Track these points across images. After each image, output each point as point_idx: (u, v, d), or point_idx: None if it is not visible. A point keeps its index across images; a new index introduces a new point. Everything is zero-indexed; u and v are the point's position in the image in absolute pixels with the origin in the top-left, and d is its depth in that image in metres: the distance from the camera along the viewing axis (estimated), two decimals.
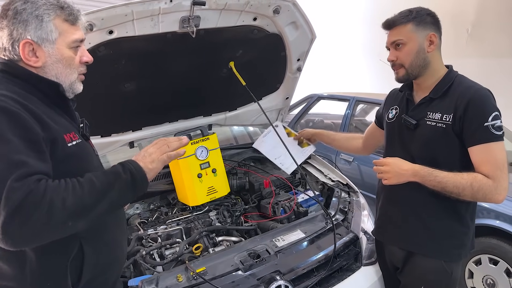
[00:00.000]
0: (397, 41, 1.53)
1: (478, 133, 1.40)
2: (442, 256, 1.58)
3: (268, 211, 2.12)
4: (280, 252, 1.72)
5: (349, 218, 2.05)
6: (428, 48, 1.50)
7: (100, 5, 1.71)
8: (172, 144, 1.18)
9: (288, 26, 2.19)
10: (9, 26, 1.04)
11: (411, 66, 1.53)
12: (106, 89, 1.96)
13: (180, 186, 2.21)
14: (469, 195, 1.41)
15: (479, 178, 1.39)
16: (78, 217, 0.96)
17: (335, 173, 2.53)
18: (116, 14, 1.63)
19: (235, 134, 3.21)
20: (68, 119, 1.17)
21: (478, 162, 1.43)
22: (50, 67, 1.10)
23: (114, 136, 2.25)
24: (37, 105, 1.05)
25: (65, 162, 1.05)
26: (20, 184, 0.88)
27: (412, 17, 1.50)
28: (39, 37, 1.06)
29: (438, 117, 1.50)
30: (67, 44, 1.11)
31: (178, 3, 1.72)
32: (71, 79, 1.15)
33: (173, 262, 1.69)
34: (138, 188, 1.09)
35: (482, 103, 1.42)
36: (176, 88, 2.21)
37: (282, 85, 2.63)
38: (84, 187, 0.97)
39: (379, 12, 6.49)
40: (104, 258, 1.19)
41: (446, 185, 1.41)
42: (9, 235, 0.87)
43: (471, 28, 5.54)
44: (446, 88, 1.52)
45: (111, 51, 1.75)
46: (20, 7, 1.04)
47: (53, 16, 1.08)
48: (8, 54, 1.07)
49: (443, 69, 1.57)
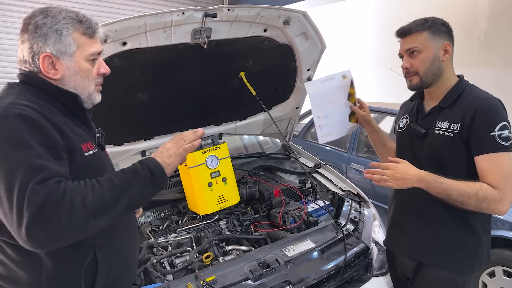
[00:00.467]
0: (412, 48, 1.53)
1: (484, 142, 1.40)
2: (453, 267, 1.56)
3: (278, 221, 2.12)
4: (290, 262, 1.71)
5: (360, 229, 2.03)
6: (443, 57, 1.51)
7: (114, 16, 1.75)
8: (187, 138, 1.21)
9: (298, 37, 2.21)
10: (30, 40, 1.08)
11: (425, 74, 1.53)
12: (119, 99, 1.99)
13: (190, 195, 2.23)
14: (474, 204, 1.39)
15: (485, 188, 1.38)
16: (100, 215, 0.98)
17: (345, 183, 2.52)
18: (129, 26, 1.67)
19: (245, 143, 3.22)
20: (85, 129, 1.20)
21: (484, 172, 1.42)
22: (68, 79, 1.13)
23: (126, 145, 2.28)
24: (56, 115, 1.08)
25: (82, 171, 1.08)
26: (41, 186, 0.91)
27: (428, 25, 1.51)
28: (58, 51, 1.09)
29: (446, 126, 1.50)
30: (84, 57, 1.14)
31: (190, 15, 1.75)
32: (89, 91, 1.18)
33: (183, 271, 1.70)
34: (158, 183, 1.12)
35: (490, 112, 1.42)
36: (188, 98, 2.24)
37: (292, 95, 2.64)
38: (104, 185, 1.01)
39: (389, 22, 6.50)
40: (117, 267, 1.20)
41: (451, 192, 1.39)
42: (34, 236, 0.90)
43: (483, 37, 5.50)
44: (456, 97, 1.52)
45: (124, 62, 1.79)
46: (41, 22, 1.08)
47: (71, 30, 1.11)
48: (28, 66, 1.11)
49: (454, 79, 1.58)
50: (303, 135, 4.87)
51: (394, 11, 6.66)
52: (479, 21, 5.54)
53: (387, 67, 2.08)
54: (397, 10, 6.55)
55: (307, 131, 4.90)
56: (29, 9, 3.36)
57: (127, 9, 6.38)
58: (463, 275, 1.56)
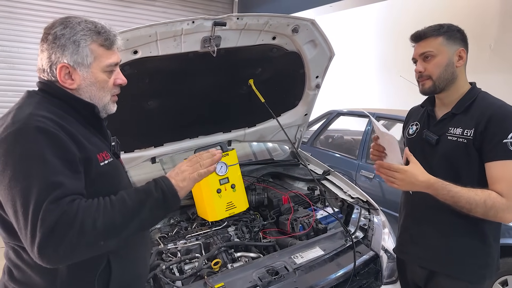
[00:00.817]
0: (426, 52, 1.53)
1: (496, 149, 1.40)
2: (466, 277, 1.54)
3: (287, 228, 2.11)
4: (299, 269, 1.71)
5: (369, 236, 2.02)
6: (457, 63, 1.51)
7: (126, 25, 1.78)
8: (204, 162, 1.18)
9: (307, 44, 2.23)
10: (48, 50, 1.11)
11: (439, 79, 1.52)
12: (130, 107, 2.02)
13: (199, 201, 2.24)
14: (481, 212, 1.38)
15: (493, 196, 1.37)
16: (109, 236, 1.00)
17: (354, 190, 2.50)
18: (140, 35, 1.70)
19: (254, 150, 3.23)
20: (101, 138, 1.22)
21: (493, 179, 1.41)
22: (84, 89, 1.15)
23: (137, 152, 2.31)
24: (73, 125, 1.10)
25: (98, 181, 1.10)
26: (55, 205, 0.93)
27: (444, 31, 1.51)
28: (75, 61, 1.11)
29: (460, 132, 1.50)
30: (101, 68, 1.15)
31: (200, 24, 1.78)
32: (104, 101, 1.20)
33: (192, 277, 1.70)
34: (170, 206, 1.11)
35: (503, 120, 1.41)
36: (197, 105, 2.27)
37: (301, 102, 2.65)
38: (115, 206, 1.01)
39: (396, 30, 6.50)
40: (129, 274, 1.22)
41: (459, 200, 1.39)
42: (45, 255, 0.92)
43: (494, 43, 5.46)
44: (469, 103, 1.52)
45: (135, 70, 1.82)
46: (59, 32, 1.10)
47: (89, 41, 1.12)
48: (46, 76, 1.14)
49: (467, 85, 1.57)
50: (312, 142, 4.86)
51: (401, 19, 6.66)
52: (489, 28, 5.50)
53: (394, 74, 2.07)
54: (405, 18, 6.54)
55: (316, 138, 4.89)
56: (43, 18, 3.44)
57: (139, 18, 6.47)
58: (475, 284, 1.54)
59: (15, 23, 5.60)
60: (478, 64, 5.36)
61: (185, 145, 2.45)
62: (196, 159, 1.19)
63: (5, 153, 0.98)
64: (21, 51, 5.57)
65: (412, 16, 6.43)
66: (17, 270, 1.11)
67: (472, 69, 1.97)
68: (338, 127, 5.36)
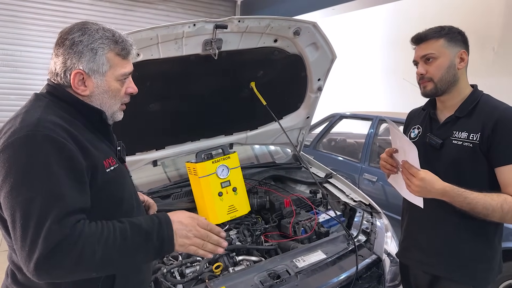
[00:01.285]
0: (428, 55, 1.52)
1: (506, 153, 1.39)
2: (470, 281, 1.52)
3: (289, 231, 2.10)
4: (301, 273, 1.69)
5: (372, 240, 2.01)
6: (458, 65, 1.50)
7: (127, 28, 1.79)
8: (207, 246, 1.12)
9: (309, 47, 2.22)
10: (64, 55, 1.10)
11: (440, 81, 1.51)
12: (132, 110, 2.00)
13: (201, 204, 2.23)
14: (498, 217, 1.37)
15: (510, 200, 1.36)
16: (102, 269, 1.01)
17: (357, 193, 2.49)
18: (141, 38, 1.70)
19: (256, 153, 3.22)
20: (108, 144, 1.22)
21: (506, 183, 1.40)
22: (96, 96, 1.15)
23: (138, 155, 2.30)
24: (80, 130, 1.09)
25: (104, 188, 1.09)
26: (57, 226, 0.92)
27: (445, 33, 1.51)
28: (90, 69, 1.10)
29: (465, 136, 1.48)
30: (115, 77, 1.15)
31: (201, 27, 1.78)
32: (113, 109, 1.20)
33: (194, 281, 1.69)
34: (161, 255, 1.11)
35: (510, 123, 1.41)
36: (199, 108, 2.27)
37: (303, 105, 2.65)
38: (117, 243, 0.99)
39: (398, 32, 6.49)
40: (133, 280, 1.21)
41: (476, 206, 1.36)
42: (39, 273, 0.92)
43: (497, 46, 5.44)
44: (472, 106, 1.50)
45: (136, 73, 1.79)
46: (77, 39, 1.09)
47: (107, 50, 1.12)
48: (59, 80, 1.13)
49: (469, 88, 1.56)
50: (314, 145, 4.85)
51: (405, 21, 6.65)
52: (493, 31, 5.49)
53: (397, 77, 2.05)
54: (407, 21, 6.54)
55: (319, 141, 4.88)
56: (46, 22, 3.46)
57: (141, 22, 6.51)
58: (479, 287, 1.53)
59: (18, 27, 5.64)
60: (481, 67, 5.35)
61: (187, 148, 2.45)
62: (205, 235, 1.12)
63: (9, 159, 0.97)
64: (24, 55, 5.60)
65: (416, 19, 6.42)
66: (20, 273, 1.10)
67: (476, 72, 1.95)
68: (341, 130, 5.35)
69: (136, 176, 2.42)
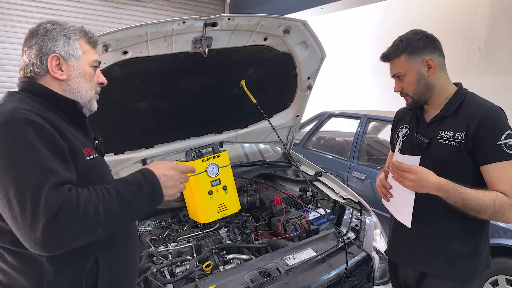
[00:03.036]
0: (396, 74, 1.57)
1: (491, 152, 1.40)
2: (457, 277, 1.54)
3: (279, 229, 2.11)
4: (291, 270, 1.70)
5: (361, 237, 2.02)
6: (427, 73, 1.51)
7: (117, 26, 1.77)
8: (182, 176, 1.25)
9: (298, 46, 2.23)
10: (39, 43, 1.14)
11: (415, 94, 1.55)
12: (120, 108, 2.00)
13: (191, 203, 2.22)
14: (489, 213, 1.38)
15: (500, 196, 1.38)
16: (108, 225, 1.02)
17: (346, 191, 2.51)
18: (130, 35, 1.68)
19: (246, 151, 3.22)
20: (85, 135, 1.22)
21: (492, 180, 1.41)
22: (73, 80, 1.18)
23: (127, 153, 2.28)
24: (57, 121, 1.10)
25: (85, 175, 1.09)
26: (55, 192, 0.93)
27: (404, 47, 1.52)
28: (66, 52, 1.16)
29: (451, 135, 1.49)
30: (89, 62, 1.22)
31: (191, 24, 1.77)
32: (90, 95, 1.23)
33: (184, 280, 1.69)
34: (156, 202, 1.15)
35: (494, 122, 1.42)
36: (188, 106, 2.25)
37: (293, 103, 2.65)
38: (113, 196, 1.03)
39: (388, 29, 6.55)
40: (118, 273, 1.21)
41: (470, 202, 1.37)
42: (47, 240, 0.91)
43: (483, 46, 5.53)
44: (457, 106, 1.51)
45: (125, 71, 1.81)
46: (50, 27, 1.16)
47: (78, 36, 1.20)
48: (35, 69, 1.15)
49: (452, 87, 1.57)
50: (304, 143, 4.87)
51: (392, 20, 6.71)
52: (478, 30, 5.57)
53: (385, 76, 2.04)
54: (396, 20, 6.60)
55: (308, 139, 4.90)
56: (33, 19, 3.40)
57: (130, 20, 6.43)
58: (466, 284, 1.55)
59: (5, 24, 5.53)
60: (467, 66, 5.43)
61: (176, 146, 2.44)
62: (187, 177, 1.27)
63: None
64: (10, 52, 5.50)
65: (404, 17, 6.49)
66: (1, 274, 1.08)
67: (462, 71, 1.98)
68: (330, 128, 5.38)
69: (124, 174, 2.40)
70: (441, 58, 1.54)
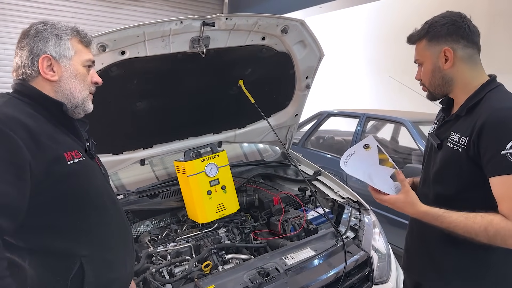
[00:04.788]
0: (416, 60, 1.42)
1: (495, 162, 1.18)
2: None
3: (278, 229, 2.11)
4: (290, 270, 1.70)
5: (360, 236, 2.02)
6: (444, 66, 1.32)
7: (115, 26, 1.77)
8: None
9: (296, 45, 2.23)
10: (30, 44, 1.14)
11: (430, 86, 1.39)
12: (118, 108, 2.00)
13: (189, 203, 2.22)
14: (485, 240, 1.19)
15: (495, 222, 1.16)
16: None
17: (345, 190, 2.51)
18: (128, 35, 1.68)
19: (245, 151, 3.22)
20: (73, 138, 1.20)
21: (498, 198, 1.20)
22: (65, 81, 1.17)
23: (125, 154, 2.28)
24: (41, 123, 1.09)
25: (65, 180, 1.08)
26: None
27: (425, 32, 1.35)
28: (57, 53, 1.15)
29: (457, 138, 1.31)
30: (81, 62, 1.21)
31: (188, 24, 1.77)
32: (83, 95, 1.22)
33: (183, 280, 1.69)
34: None
35: (499, 127, 1.18)
36: (187, 106, 2.25)
37: (291, 103, 2.65)
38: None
39: (388, 30, 6.55)
40: (105, 277, 1.19)
41: (456, 229, 1.22)
42: None
43: (482, 44, 5.53)
44: (472, 104, 1.30)
45: (123, 71, 1.80)
46: (41, 28, 1.16)
47: (70, 36, 1.19)
48: (26, 70, 1.14)
49: (477, 82, 1.33)
50: (303, 143, 4.87)
51: (391, 19, 6.72)
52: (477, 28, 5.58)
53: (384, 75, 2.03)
54: (394, 19, 6.60)
55: (307, 139, 4.90)
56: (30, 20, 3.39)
57: (128, 20, 6.43)
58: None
59: (2, 25, 5.53)
60: None
61: (175, 146, 2.43)
62: None
63: None
64: (7, 53, 5.50)
65: (402, 16, 6.48)
66: None
67: None
68: (329, 127, 5.38)
69: (123, 175, 2.40)
70: (466, 49, 1.32)
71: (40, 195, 1.03)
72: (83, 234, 1.14)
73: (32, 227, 1.04)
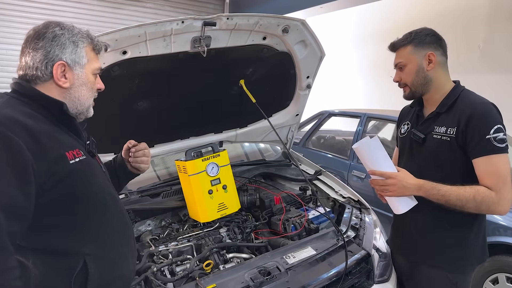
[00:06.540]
0: (398, 63, 1.65)
1: (480, 145, 1.46)
2: (444, 267, 1.61)
3: (279, 228, 2.11)
4: (291, 269, 1.70)
5: (361, 235, 2.03)
6: (427, 67, 1.59)
7: (116, 26, 1.77)
8: None
9: (297, 45, 2.23)
10: (46, 48, 1.13)
11: (413, 85, 1.63)
12: (120, 108, 2.00)
13: (191, 203, 2.22)
14: (473, 208, 1.45)
15: (482, 191, 1.44)
16: None
17: (346, 190, 2.51)
18: (129, 35, 1.68)
19: (246, 151, 3.22)
20: (74, 137, 1.21)
21: (481, 174, 1.48)
22: (76, 88, 1.18)
23: None
24: (41, 123, 1.09)
25: (67, 179, 1.08)
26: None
27: (411, 39, 1.60)
28: (72, 60, 1.16)
29: (443, 130, 1.57)
30: (92, 70, 1.23)
31: (190, 24, 1.77)
32: (89, 102, 1.24)
33: (184, 279, 1.69)
34: None
35: (483, 117, 1.47)
36: (188, 106, 2.26)
37: (292, 102, 2.65)
38: None
39: (388, 27, 6.55)
40: (108, 275, 1.19)
41: (450, 198, 1.46)
42: None
43: (483, 44, 5.53)
44: (451, 102, 1.59)
45: (124, 71, 1.81)
46: (59, 32, 1.15)
47: (86, 43, 1.20)
48: (38, 73, 1.13)
49: (449, 84, 1.64)
50: (304, 142, 4.87)
51: (393, 18, 6.71)
52: (478, 28, 5.57)
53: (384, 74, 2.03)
54: (397, 17, 6.59)
55: (308, 138, 4.90)
56: (33, 20, 3.42)
57: (129, 20, 6.44)
58: (455, 274, 1.61)
59: (4, 25, 5.54)
60: (467, 64, 5.43)
61: (176, 146, 2.44)
62: None
63: None
64: (9, 53, 5.50)
65: (402, 17, 6.48)
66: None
67: (461, 70, 2.00)
68: (330, 127, 5.38)
69: None
70: (443, 57, 1.62)
71: (44, 195, 1.03)
72: (86, 232, 1.15)
73: (36, 227, 1.04)
